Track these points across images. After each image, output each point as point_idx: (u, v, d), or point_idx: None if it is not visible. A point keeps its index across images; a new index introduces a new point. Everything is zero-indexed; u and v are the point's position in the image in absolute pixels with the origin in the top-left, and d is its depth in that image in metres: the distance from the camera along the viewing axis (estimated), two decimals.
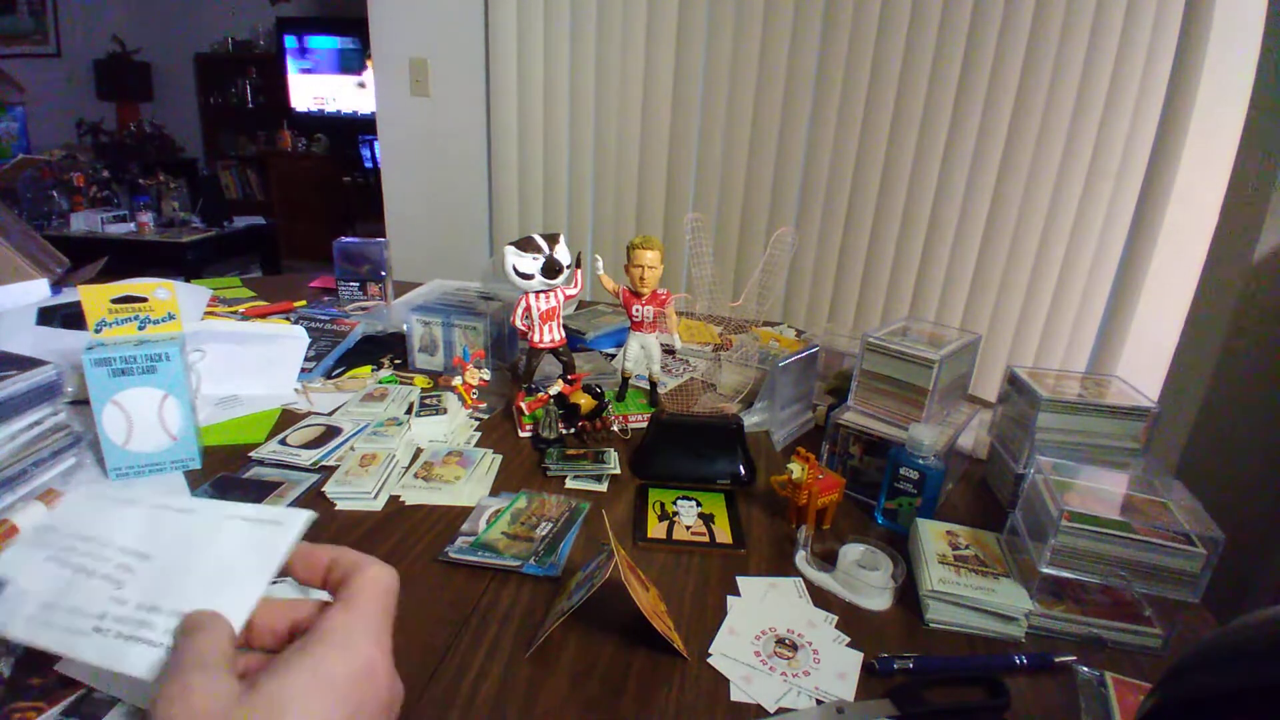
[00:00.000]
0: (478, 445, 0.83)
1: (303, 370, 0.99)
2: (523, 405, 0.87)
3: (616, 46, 1.91)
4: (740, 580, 0.62)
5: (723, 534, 0.68)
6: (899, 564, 0.62)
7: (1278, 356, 1.22)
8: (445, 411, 0.84)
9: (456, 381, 0.91)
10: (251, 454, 0.77)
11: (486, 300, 1.08)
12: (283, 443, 0.80)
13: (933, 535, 0.65)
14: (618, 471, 0.78)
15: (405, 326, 1.05)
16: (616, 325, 1.24)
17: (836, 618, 0.58)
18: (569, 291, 0.93)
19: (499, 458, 0.80)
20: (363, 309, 1.27)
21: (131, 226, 3.16)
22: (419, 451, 0.80)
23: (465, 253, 2.22)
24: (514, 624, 0.55)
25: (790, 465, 0.68)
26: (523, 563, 0.61)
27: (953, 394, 0.81)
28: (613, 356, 1.13)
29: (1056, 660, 0.54)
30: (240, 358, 0.94)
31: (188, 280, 1.35)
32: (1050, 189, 1.79)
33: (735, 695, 0.49)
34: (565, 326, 0.96)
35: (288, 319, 1.19)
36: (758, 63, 1.85)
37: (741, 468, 0.76)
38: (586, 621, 0.54)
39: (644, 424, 0.86)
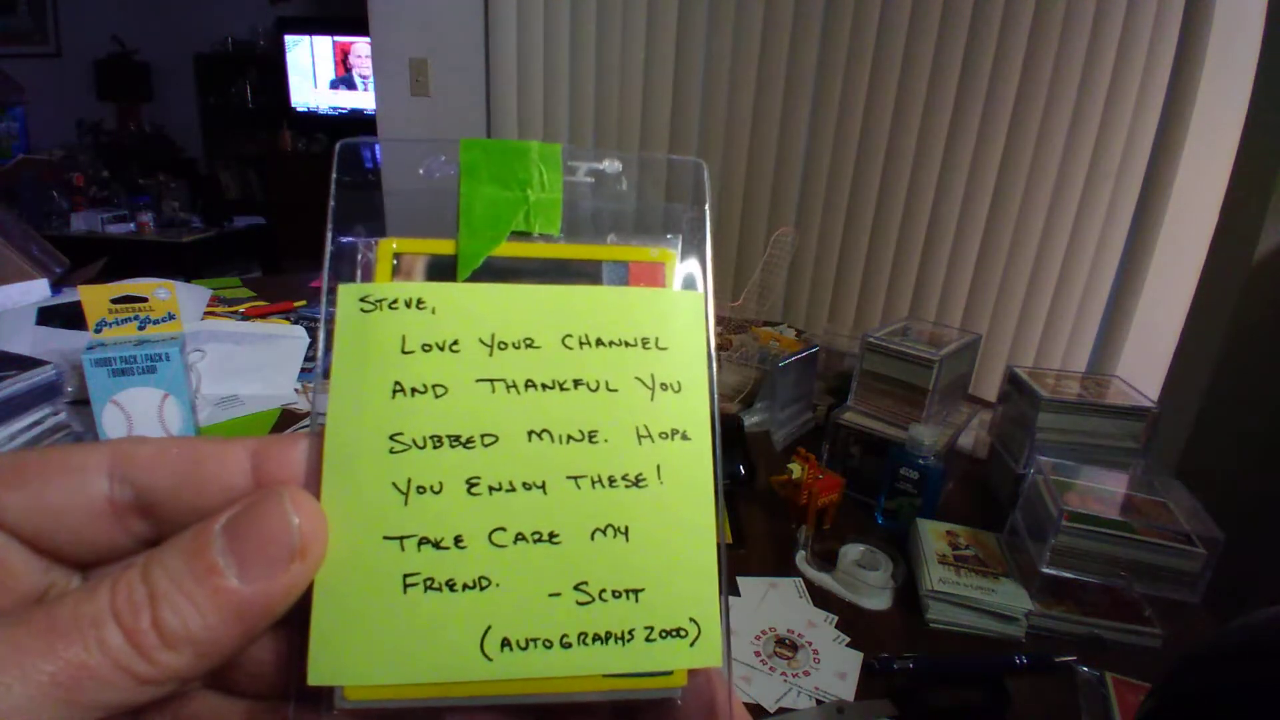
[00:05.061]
0: None
1: (303, 370, 0.99)
2: None
3: (616, 46, 1.91)
4: (740, 580, 0.62)
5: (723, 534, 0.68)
6: (899, 564, 0.62)
7: (1278, 356, 1.22)
8: None
9: None
10: None
11: None
12: None
13: (933, 535, 0.65)
14: None
15: None
16: None
17: (836, 618, 0.58)
18: None
19: None
20: None
21: (131, 226, 3.16)
22: None
23: None
24: None
25: (790, 465, 0.68)
26: None
27: (953, 394, 0.81)
28: None
29: (1056, 660, 0.54)
30: (240, 358, 0.94)
31: (188, 280, 1.34)
32: (1050, 189, 1.79)
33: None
34: None
35: (288, 319, 1.19)
36: (758, 62, 1.85)
37: (741, 467, 0.76)
38: None
39: None
